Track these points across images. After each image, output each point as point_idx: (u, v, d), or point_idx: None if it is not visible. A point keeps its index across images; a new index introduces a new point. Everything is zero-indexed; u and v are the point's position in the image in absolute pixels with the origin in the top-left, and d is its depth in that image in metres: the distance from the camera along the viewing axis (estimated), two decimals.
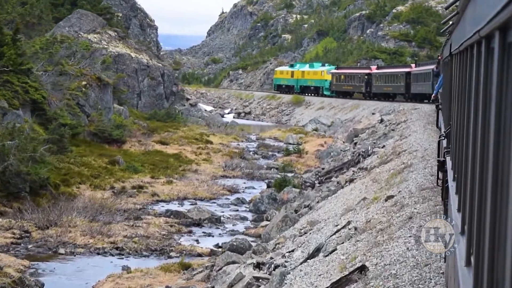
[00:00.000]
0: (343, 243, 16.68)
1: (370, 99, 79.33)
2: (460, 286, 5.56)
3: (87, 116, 47.81)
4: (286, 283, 15.63)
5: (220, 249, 26.41)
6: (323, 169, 42.10)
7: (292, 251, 19.68)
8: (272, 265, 17.94)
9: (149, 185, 37.48)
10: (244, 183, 42.00)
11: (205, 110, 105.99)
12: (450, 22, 12.41)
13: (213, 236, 28.97)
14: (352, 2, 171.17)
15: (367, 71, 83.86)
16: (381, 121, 52.37)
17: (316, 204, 30.40)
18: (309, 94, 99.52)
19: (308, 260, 16.87)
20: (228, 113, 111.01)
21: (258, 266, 18.53)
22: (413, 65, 73.42)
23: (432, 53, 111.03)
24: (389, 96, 76.73)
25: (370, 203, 21.12)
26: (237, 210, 34.12)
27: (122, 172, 39.74)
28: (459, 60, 8.78)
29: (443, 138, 14.22)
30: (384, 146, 36.14)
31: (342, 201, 25.85)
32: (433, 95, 31.28)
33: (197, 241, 27.95)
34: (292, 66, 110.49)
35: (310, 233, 22.70)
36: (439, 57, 31.86)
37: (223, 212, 33.39)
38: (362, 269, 12.80)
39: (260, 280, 17.28)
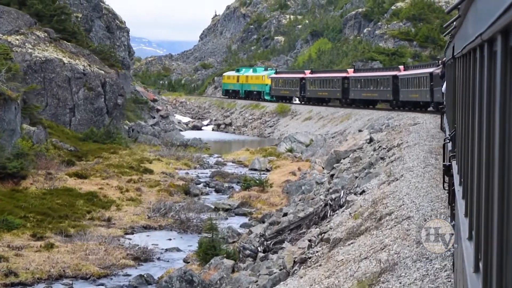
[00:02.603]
0: None
1: (305, 104, 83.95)
2: None
3: None
4: None
5: None
6: (285, 213, 29.72)
7: None
8: None
9: (14, 253, 25.00)
10: (170, 239, 29.45)
11: (179, 122, 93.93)
12: (453, 25, 12.13)
13: None
14: (349, 1, 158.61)
15: (301, 75, 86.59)
16: (370, 140, 39.87)
17: None
18: (253, 99, 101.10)
19: None
20: (207, 125, 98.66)
21: None
22: (350, 70, 76.71)
23: (436, 52, 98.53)
24: (324, 100, 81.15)
25: None
26: None
27: None
28: (462, 63, 8.94)
29: (448, 141, 13.97)
30: (363, 191, 23.64)
31: None
32: None
33: None
34: (238, 70, 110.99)
35: None
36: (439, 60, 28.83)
37: None
38: None
39: None
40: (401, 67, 65.54)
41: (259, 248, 23.47)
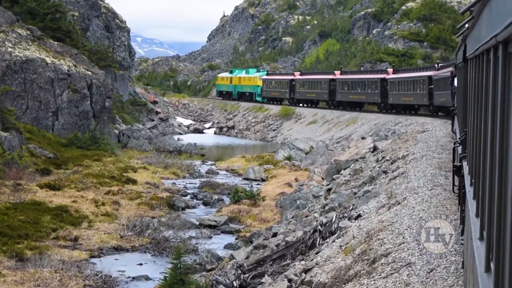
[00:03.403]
0: None
1: (294, 105, 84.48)
2: None
3: None
4: None
5: None
6: (274, 232, 26.21)
7: None
8: None
9: None
10: (141, 264, 25.77)
11: (179, 125, 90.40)
12: (466, 26, 11.94)
13: None
14: (359, 1, 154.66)
15: (291, 77, 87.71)
16: (374, 149, 36.15)
17: None
18: (245, 100, 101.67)
19: None
20: (209, 128, 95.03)
21: None
22: (337, 72, 77.20)
23: (447, 54, 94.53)
24: (312, 102, 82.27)
25: None
26: None
27: None
28: (475, 64, 8.82)
29: (458, 145, 13.95)
30: (359, 216, 19.94)
31: None
32: None
33: None
34: (231, 72, 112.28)
35: None
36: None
37: None
38: None
39: None
40: (390, 70, 67.00)
41: (234, 282, 19.76)
